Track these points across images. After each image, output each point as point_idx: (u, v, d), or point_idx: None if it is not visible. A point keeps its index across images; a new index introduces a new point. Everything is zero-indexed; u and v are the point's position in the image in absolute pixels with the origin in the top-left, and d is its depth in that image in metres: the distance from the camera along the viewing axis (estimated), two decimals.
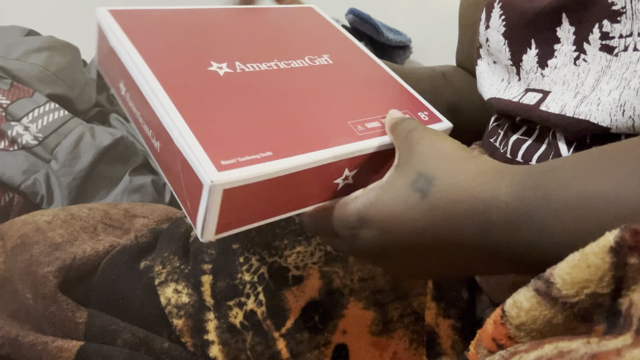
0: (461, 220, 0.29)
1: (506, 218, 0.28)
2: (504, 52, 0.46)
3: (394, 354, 0.39)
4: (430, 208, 0.29)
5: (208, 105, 0.32)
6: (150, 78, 0.32)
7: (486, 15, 0.48)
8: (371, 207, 0.32)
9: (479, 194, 0.29)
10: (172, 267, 0.39)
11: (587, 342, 0.19)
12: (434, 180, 0.30)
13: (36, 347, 0.35)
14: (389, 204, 0.31)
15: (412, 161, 0.32)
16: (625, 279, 0.21)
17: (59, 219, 0.43)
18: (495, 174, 0.30)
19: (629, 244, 0.20)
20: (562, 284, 0.22)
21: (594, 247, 0.21)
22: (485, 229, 0.28)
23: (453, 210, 0.29)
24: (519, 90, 0.45)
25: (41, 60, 0.82)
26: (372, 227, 0.31)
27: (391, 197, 0.31)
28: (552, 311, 0.23)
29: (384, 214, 0.31)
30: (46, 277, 0.37)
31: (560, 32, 0.40)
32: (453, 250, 0.29)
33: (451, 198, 0.29)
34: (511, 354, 0.22)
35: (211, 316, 0.37)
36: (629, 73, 0.35)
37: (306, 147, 0.31)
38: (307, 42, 0.42)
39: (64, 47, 0.89)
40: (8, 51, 0.81)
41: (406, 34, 0.98)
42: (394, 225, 0.31)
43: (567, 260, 0.22)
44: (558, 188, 0.27)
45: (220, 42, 0.38)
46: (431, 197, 0.30)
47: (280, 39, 0.41)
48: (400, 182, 0.31)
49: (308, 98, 0.36)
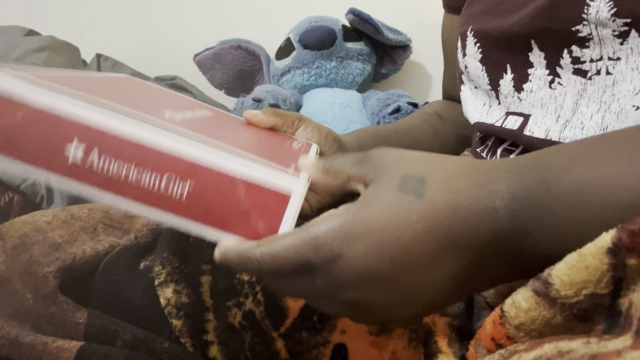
0: (465, 212, 0.27)
1: (509, 202, 0.27)
2: (482, 78, 0.46)
3: (392, 353, 0.39)
4: (430, 206, 0.27)
5: (214, 134, 0.32)
6: (144, 117, 0.29)
7: (462, 44, 0.49)
8: (354, 223, 0.27)
9: (478, 181, 0.28)
10: (171, 267, 0.39)
11: (587, 342, 0.19)
12: (425, 179, 0.28)
13: (36, 347, 0.35)
14: (378, 214, 0.27)
15: (389, 170, 0.29)
16: (625, 279, 0.21)
17: (59, 219, 0.43)
18: (491, 163, 0.29)
19: (627, 245, 0.20)
20: (560, 285, 0.22)
21: (591, 248, 0.21)
22: (489, 216, 0.27)
23: (455, 202, 0.27)
24: (500, 114, 0.45)
25: (41, 60, 0.82)
26: (359, 244, 0.27)
27: (379, 206, 0.27)
28: (551, 312, 0.23)
29: (375, 224, 0.27)
30: (46, 277, 0.37)
31: (532, 57, 0.41)
32: (458, 252, 0.27)
33: (451, 190, 0.27)
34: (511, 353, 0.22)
35: (210, 317, 0.37)
36: (607, 97, 0.36)
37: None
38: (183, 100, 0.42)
39: (64, 47, 0.89)
40: (8, 51, 0.81)
41: (406, 34, 0.98)
42: (389, 235, 0.26)
43: (564, 261, 0.22)
44: (557, 172, 0.27)
45: (145, 99, 0.37)
46: (428, 195, 0.27)
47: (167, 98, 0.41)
48: (385, 189, 0.28)
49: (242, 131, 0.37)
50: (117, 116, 0.29)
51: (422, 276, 0.27)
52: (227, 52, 1.00)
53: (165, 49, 1.16)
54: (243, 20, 1.13)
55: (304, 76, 0.94)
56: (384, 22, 0.96)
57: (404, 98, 0.88)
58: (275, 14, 1.12)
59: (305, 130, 0.45)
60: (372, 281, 0.27)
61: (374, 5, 0.99)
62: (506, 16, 0.42)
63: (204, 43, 1.01)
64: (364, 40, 0.95)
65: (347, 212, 0.28)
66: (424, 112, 0.65)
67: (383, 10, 1.01)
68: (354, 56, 0.94)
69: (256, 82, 1.06)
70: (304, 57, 0.92)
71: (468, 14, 0.49)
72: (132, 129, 0.29)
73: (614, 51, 0.35)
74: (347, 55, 0.93)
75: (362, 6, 0.92)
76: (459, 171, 0.28)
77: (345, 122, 0.89)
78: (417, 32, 0.99)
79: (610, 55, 0.35)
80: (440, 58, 0.70)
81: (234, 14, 1.14)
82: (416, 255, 0.27)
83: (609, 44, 0.35)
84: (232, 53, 1.00)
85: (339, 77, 0.94)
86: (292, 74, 0.95)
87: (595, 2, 0.34)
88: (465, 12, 0.50)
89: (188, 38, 1.13)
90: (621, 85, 0.35)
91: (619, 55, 0.35)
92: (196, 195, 0.29)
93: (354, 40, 0.94)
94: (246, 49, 1.00)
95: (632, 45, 0.34)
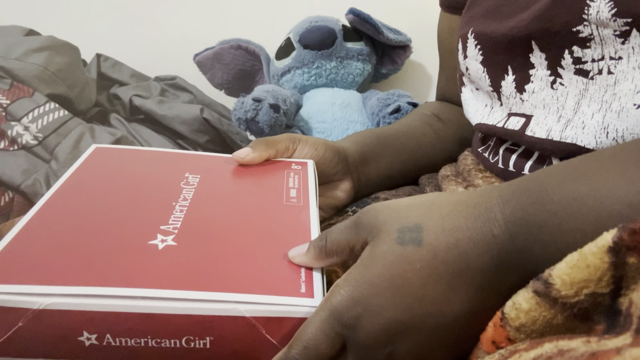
0: (465, 246, 0.28)
1: (505, 227, 0.27)
2: (484, 80, 0.46)
3: None
4: (431, 250, 0.28)
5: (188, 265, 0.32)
6: (144, 292, 0.29)
7: (462, 46, 0.49)
8: (362, 287, 0.28)
9: (473, 213, 0.29)
10: None
11: (587, 341, 0.19)
12: (421, 226, 0.29)
13: None
14: (382, 271, 0.28)
15: (384, 227, 0.30)
16: (625, 278, 0.21)
17: None
18: (482, 193, 0.30)
19: (628, 243, 0.20)
20: (561, 285, 0.22)
21: (592, 247, 0.21)
22: (489, 243, 0.28)
23: (454, 240, 0.28)
24: (502, 115, 0.45)
25: (41, 60, 0.82)
26: (373, 305, 0.28)
27: (381, 264, 0.28)
28: (552, 312, 0.23)
29: (382, 282, 0.28)
30: None
31: (533, 58, 0.41)
32: (467, 285, 0.28)
33: (448, 230, 0.28)
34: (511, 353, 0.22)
35: None
36: (609, 96, 0.36)
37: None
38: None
39: (64, 47, 0.89)
40: (8, 51, 0.81)
41: (406, 34, 0.98)
42: (399, 288, 0.27)
43: (565, 260, 0.22)
44: (549, 190, 0.27)
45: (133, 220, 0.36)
46: (426, 240, 0.28)
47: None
48: (384, 246, 0.29)
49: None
50: (114, 301, 0.29)
51: (442, 316, 0.28)
52: (227, 52, 1.00)
53: (165, 49, 1.16)
54: (243, 20, 1.13)
55: (304, 76, 0.94)
56: (384, 22, 0.96)
57: (404, 98, 0.88)
58: (275, 14, 1.12)
59: (302, 150, 0.46)
60: (398, 334, 0.28)
61: (374, 5, 0.99)
62: (507, 19, 0.42)
63: (204, 43, 1.01)
64: (364, 40, 0.95)
65: (350, 279, 0.29)
66: (422, 113, 0.65)
67: (383, 10, 1.01)
68: (354, 56, 0.94)
69: (256, 82, 1.06)
70: (304, 57, 0.92)
71: (469, 16, 0.49)
72: (134, 307, 0.29)
73: (616, 51, 0.35)
74: (347, 55, 0.93)
75: (362, 6, 0.92)
76: (453, 210, 0.29)
77: (345, 122, 0.89)
78: (417, 32, 0.99)
79: (611, 54, 0.35)
80: None
81: (234, 14, 1.14)
82: (430, 298, 0.27)
83: (611, 43, 0.35)
84: (232, 53, 1.00)
85: (339, 77, 0.94)
86: (292, 74, 0.95)
87: (595, 3, 0.34)
88: (466, 14, 0.50)
89: (188, 38, 1.13)
90: (622, 85, 0.35)
91: (620, 54, 0.35)
92: (220, 343, 0.30)
93: (354, 40, 0.94)
94: (246, 49, 1.00)
95: (634, 44, 0.34)
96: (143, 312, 0.29)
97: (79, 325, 0.29)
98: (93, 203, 0.37)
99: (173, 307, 0.29)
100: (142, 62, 1.12)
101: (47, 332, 0.29)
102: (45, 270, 0.30)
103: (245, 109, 0.81)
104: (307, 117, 0.91)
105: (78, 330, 0.29)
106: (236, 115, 0.82)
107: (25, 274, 0.30)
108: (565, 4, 0.36)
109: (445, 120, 0.63)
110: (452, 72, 0.63)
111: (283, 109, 0.83)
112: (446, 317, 0.28)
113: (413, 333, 0.28)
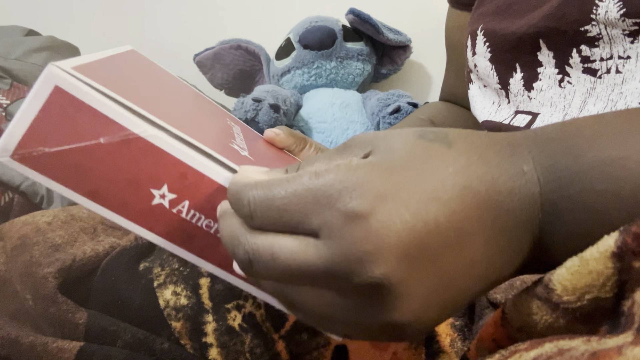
0: (497, 170, 0.22)
1: (535, 168, 0.23)
2: (492, 77, 0.46)
3: (393, 354, 0.38)
4: (465, 158, 0.21)
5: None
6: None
7: (471, 43, 0.49)
8: (382, 169, 0.20)
9: (500, 141, 0.24)
10: (170, 269, 0.39)
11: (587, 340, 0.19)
12: (445, 131, 0.23)
13: (36, 347, 0.34)
14: (407, 160, 0.21)
15: (392, 133, 0.23)
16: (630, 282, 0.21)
17: (59, 220, 0.43)
18: (504, 133, 0.25)
19: (633, 248, 0.20)
20: (562, 291, 0.22)
21: (594, 252, 0.21)
22: (519, 177, 0.22)
23: (486, 157, 0.22)
24: (509, 113, 0.45)
25: (41, 60, 0.82)
26: (396, 199, 0.19)
27: (404, 151, 0.21)
28: (554, 316, 0.23)
29: (410, 174, 0.20)
30: (46, 278, 0.37)
31: (541, 57, 0.41)
32: (494, 219, 0.21)
33: (477, 145, 0.22)
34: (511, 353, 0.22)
35: (209, 318, 0.37)
36: (615, 95, 0.36)
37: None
38: None
39: (64, 47, 0.89)
40: (8, 51, 0.81)
41: (406, 34, 0.98)
42: (432, 190, 0.20)
43: (565, 266, 0.22)
44: (583, 141, 0.23)
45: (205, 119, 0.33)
46: (457, 145, 0.22)
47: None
48: (401, 140, 0.22)
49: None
50: (223, 169, 0.25)
51: (461, 257, 0.20)
52: (227, 52, 1.00)
53: (165, 49, 1.16)
54: (243, 20, 1.13)
55: (304, 76, 0.94)
56: (384, 22, 0.96)
57: (404, 98, 0.88)
58: (275, 14, 1.12)
59: (309, 150, 0.46)
60: (412, 259, 0.19)
61: (374, 5, 0.99)
62: (517, 18, 0.42)
63: (204, 43, 1.01)
64: (364, 40, 0.95)
65: (368, 160, 0.21)
66: (417, 117, 0.65)
67: (383, 10, 1.01)
68: (354, 56, 0.94)
69: (256, 82, 1.06)
70: (304, 57, 0.92)
71: (479, 13, 0.49)
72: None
73: (624, 50, 0.35)
74: (347, 55, 0.93)
75: (362, 6, 0.92)
76: (474, 132, 0.24)
77: (345, 122, 0.89)
78: (417, 32, 0.99)
79: (620, 54, 0.35)
80: (441, 58, 0.70)
81: (234, 14, 1.14)
82: (458, 221, 0.20)
83: (619, 42, 0.35)
84: (232, 53, 1.00)
85: (339, 77, 0.94)
86: (292, 74, 0.95)
87: (604, 3, 0.34)
88: (475, 10, 0.50)
89: (188, 38, 1.13)
90: (629, 84, 0.35)
91: (629, 54, 0.35)
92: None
93: (354, 41, 0.94)
94: (246, 49, 1.00)
95: None
96: None
97: (167, 174, 0.24)
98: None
99: None
100: None
101: (123, 166, 0.24)
102: (154, 102, 0.26)
103: (245, 109, 0.81)
104: (307, 117, 0.91)
105: (160, 181, 0.24)
106: (236, 115, 0.82)
107: (134, 94, 0.25)
108: (574, 3, 0.36)
109: (439, 125, 0.63)
110: (460, 70, 0.63)
111: (283, 109, 0.83)
112: (464, 258, 0.20)
113: (425, 267, 0.20)
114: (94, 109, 0.23)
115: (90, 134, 0.23)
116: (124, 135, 0.23)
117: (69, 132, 0.23)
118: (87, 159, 0.24)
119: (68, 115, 0.23)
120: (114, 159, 0.24)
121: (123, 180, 0.24)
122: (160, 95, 0.30)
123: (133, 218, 0.25)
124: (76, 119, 0.23)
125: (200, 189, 0.25)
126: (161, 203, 0.25)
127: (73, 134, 0.23)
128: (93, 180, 0.24)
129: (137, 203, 0.25)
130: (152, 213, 0.25)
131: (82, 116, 0.23)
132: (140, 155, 0.24)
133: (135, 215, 0.25)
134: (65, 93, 0.23)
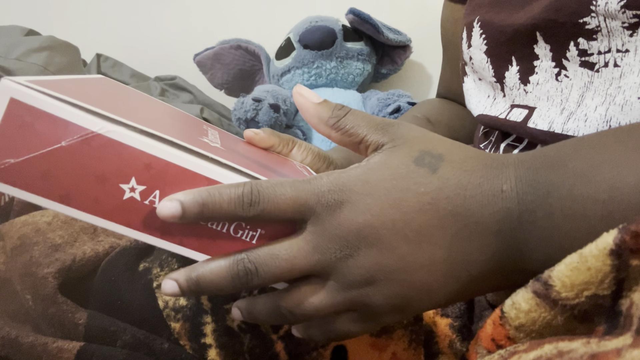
0: (473, 190, 0.27)
1: (515, 185, 0.27)
2: (487, 70, 0.46)
3: (393, 354, 0.38)
4: (441, 181, 0.27)
5: (247, 163, 0.30)
6: (225, 161, 0.27)
7: (467, 34, 0.48)
8: (360, 182, 0.27)
9: (490, 163, 0.28)
10: (170, 269, 0.39)
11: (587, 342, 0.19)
12: (443, 156, 0.28)
13: (36, 347, 0.34)
14: (385, 178, 0.27)
15: (410, 143, 0.29)
16: (627, 280, 0.21)
17: (59, 220, 0.43)
18: (504, 154, 0.30)
19: (631, 246, 0.20)
20: (561, 287, 0.22)
21: (592, 249, 0.21)
22: (496, 196, 0.27)
23: (467, 181, 0.27)
24: (505, 107, 0.45)
25: (41, 60, 0.82)
26: (362, 201, 0.27)
27: (388, 172, 0.27)
28: (552, 313, 0.23)
29: (380, 187, 0.27)
30: (46, 278, 0.37)
31: (538, 50, 0.40)
32: (458, 231, 0.27)
33: (465, 170, 0.28)
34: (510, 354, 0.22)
35: (208, 319, 0.37)
36: (613, 89, 0.36)
37: None
38: None
39: (64, 47, 0.89)
40: (8, 51, 0.81)
41: (406, 34, 0.98)
42: (394, 201, 0.26)
43: (564, 262, 0.22)
44: (564, 157, 0.27)
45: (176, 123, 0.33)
46: (442, 171, 0.27)
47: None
48: (399, 159, 0.28)
49: None
50: (189, 155, 0.26)
51: (420, 252, 0.26)
52: (227, 52, 1.00)
53: (165, 49, 1.16)
54: (243, 20, 1.13)
55: (304, 76, 0.94)
56: (384, 22, 0.96)
57: (404, 98, 0.88)
58: (275, 14, 1.12)
59: (298, 150, 0.45)
60: (368, 241, 0.26)
61: (374, 5, 0.99)
62: (515, 9, 0.42)
63: (204, 43, 1.01)
64: (364, 40, 0.95)
65: (348, 171, 0.28)
66: (413, 116, 0.64)
67: (383, 10, 1.01)
68: (354, 56, 0.94)
69: (256, 82, 1.06)
70: (304, 57, 0.92)
71: (475, 5, 0.48)
72: (205, 169, 0.26)
73: (623, 43, 0.34)
74: (347, 55, 0.93)
75: (362, 6, 0.92)
76: (476, 156, 0.29)
77: None
78: (417, 32, 0.99)
79: (618, 47, 0.35)
80: (440, 58, 0.70)
81: (234, 14, 1.14)
82: (416, 226, 0.26)
83: (618, 35, 0.34)
84: (232, 53, 1.00)
85: (339, 77, 0.94)
86: (292, 74, 0.95)
87: None
88: (471, 2, 0.50)
89: (188, 38, 1.13)
90: (628, 78, 0.35)
91: (627, 47, 0.34)
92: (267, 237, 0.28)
93: (354, 40, 0.94)
94: (246, 49, 1.00)
95: None
96: (211, 177, 0.26)
97: (132, 167, 0.25)
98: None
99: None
100: (142, 62, 1.12)
101: (88, 165, 0.24)
102: (114, 105, 0.26)
103: (245, 109, 0.81)
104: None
105: (127, 175, 0.25)
106: (236, 115, 0.82)
107: (93, 99, 0.25)
108: None
109: (434, 122, 0.62)
110: (456, 64, 0.63)
111: (283, 109, 0.83)
112: (421, 257, 0.26)
113: (382, 250, 0.26)
114: (51, 114, 0.24)
115: (51, 139, 0.24)
116: (83, 135, 0.24)
117: (31, 140, 0.24)
118: (52, 164, 0.24)
119: (27, 125, 0.24)
120: (78, 160, 0.24)
121: (91, 180, 0.25)
122: (125, 101, 0.30)
123: (108, 216, 0.26)
124: (35, 127, 0.24)
125: (168, 177, 0.26)
126: (132, 197, 0.26)
127: (35, 142, 0.24)
128: (62, 184, 0.25)
129: (109, 200, 0.25)
130: (126, 208, 0.26)
131: (41, 123, 0.24)
132: (103, 152, 0.25)
133: (110, 213, 0.26)
134: (21, 103, 0.24)
